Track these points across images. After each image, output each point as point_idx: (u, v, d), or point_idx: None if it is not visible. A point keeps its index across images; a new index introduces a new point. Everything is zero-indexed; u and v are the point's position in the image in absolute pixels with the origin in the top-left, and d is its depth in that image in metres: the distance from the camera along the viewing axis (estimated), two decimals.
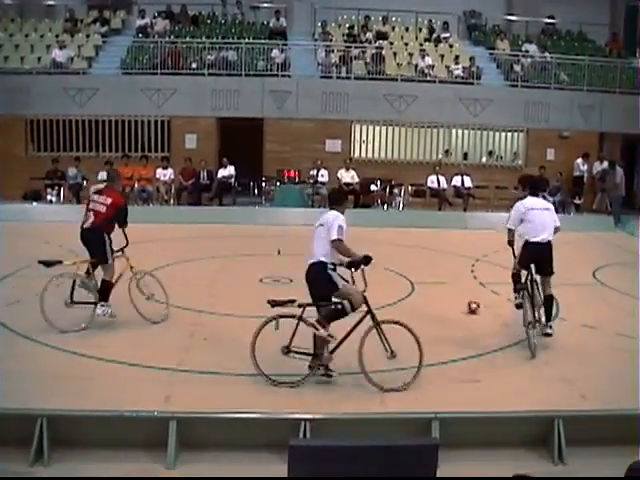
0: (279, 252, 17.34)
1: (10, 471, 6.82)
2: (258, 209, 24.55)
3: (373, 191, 25.53)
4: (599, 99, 27.24)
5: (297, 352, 9.29)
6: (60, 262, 11.20)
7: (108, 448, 7.19)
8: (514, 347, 10.69)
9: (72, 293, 11.17)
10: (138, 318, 11.58)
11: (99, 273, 11.43)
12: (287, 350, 9.32)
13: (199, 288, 13.55)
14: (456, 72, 27.49)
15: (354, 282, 9.56)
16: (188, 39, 28.19)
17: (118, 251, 11.53)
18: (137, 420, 7.38)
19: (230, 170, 25.21)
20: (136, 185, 24.41)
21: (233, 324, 11.63)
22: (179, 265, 13.07)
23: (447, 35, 30.08)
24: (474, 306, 11.54)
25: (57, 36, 28.49)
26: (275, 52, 27.39)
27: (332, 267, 9.82)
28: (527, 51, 28.89)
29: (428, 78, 27.20)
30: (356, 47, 28.16)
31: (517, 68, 27.80)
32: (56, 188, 24.36)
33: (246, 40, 27.99)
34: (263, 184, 26.19)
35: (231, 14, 30.92)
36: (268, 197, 25.65)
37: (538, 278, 11.15)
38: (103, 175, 23.82)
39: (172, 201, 24.73)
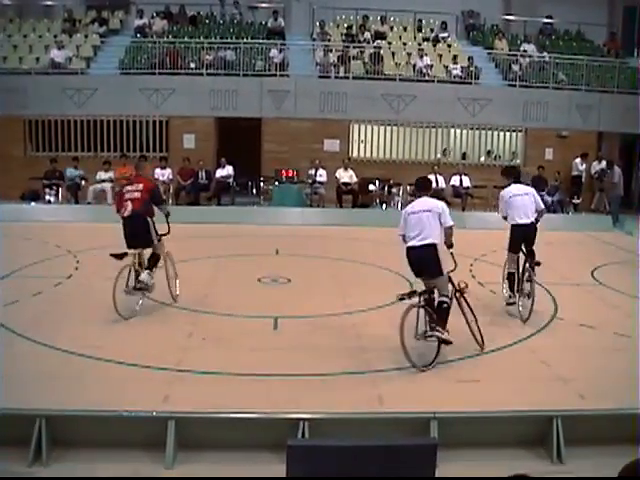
0: (277, 252, 17.38)
1: (9, 471, 6.83)
2: (256, 209, 24.57)
3: (372, 191, 25.52)
4: (597, 99, 27.28)
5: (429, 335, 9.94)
6: (126, 254, 11.85)
7: (107, 448, 7.21)
8: (513, 347, 10.71)
9: (127, 281, 11.86)
10: (136, 318, 11.65)
11: None
12: (424, 335, 9.97)
13: (197, 288, 13.55)
14: (454, 72, 27.51)
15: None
16: (186, 39, 28.19)
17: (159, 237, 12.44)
18: (136, 420, 7.40)
19: (228, 170, 25.23)
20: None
21: (231, 324, 11.65)
22: (177, 265, 13.07)
23: (445, 35, 30.10)
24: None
25: (55, 36, 28.49)
26: (273, 52, 27.40)
27: None
28: (525, 51, 28.92)
29: (426, 78, 27.22)
30: (354, 47, 28.17)
31: (515, 68, 27.82)
32: (54, 188, 24.35)
33: (244, 40, 28.00)
34: (261, 184, 26.22)
35: (229, 14, 30.95)
36: (266, 197, 25.67)
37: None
38: (101, 175, 23.95)
39: (170, 201, 24.71)
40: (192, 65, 27.08)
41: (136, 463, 7.03)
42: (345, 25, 30.29)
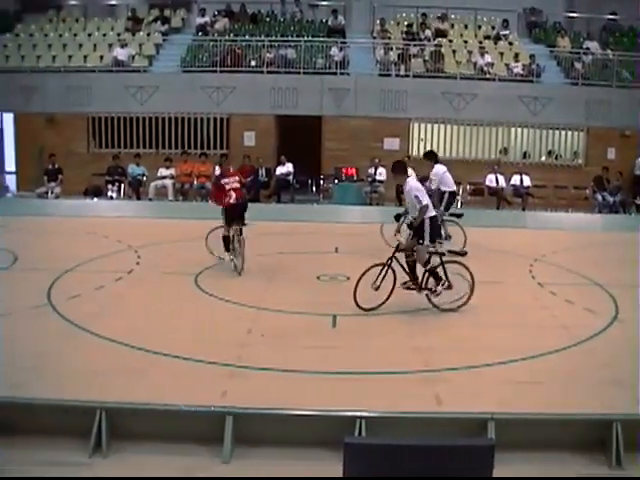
0: (336, 250, 17.41)
1: (70, 462, 6.95)
2: (316, 207, 24.59)
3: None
4: None
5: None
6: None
7: (165, 441, 7.29)
8: (572, 349, 10.57)
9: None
10: (196, 313, 11.79)
11: None
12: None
13: (257, 284, 13.63)
14: (516, 70, 27.28)
15: None
16: (247, 37, 28.36)
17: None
18: (194, 414, 7.46)
19: (288, 167, 25.33)
20: (195, 182, 24.64)
21: (290, 321, 11.69)
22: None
23: (507, 33, 29.86)
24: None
25: (119, 35, 28.91)
26: (334, 50, 27.44)
27: None
28: (588, 48, 28.54)
29: (487, 76, 27.01)
30: (415, 45, 28.08)
31: (578, 66, 27.47)
32: (116, 184, 24.67)
33: (305, 38, 28.14)
34: (321, 182, 26.27)
35: (290, 12, 31.08)
36: (326, 195, 25.72)
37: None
38: (162, 172, 24.22)
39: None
40: (253, 63, 27.22)
41: (194, 457, 7.08)
42: (405, 23, 30.16)
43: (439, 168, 16.88)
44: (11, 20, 30.74)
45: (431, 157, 17.19)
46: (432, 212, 12.31)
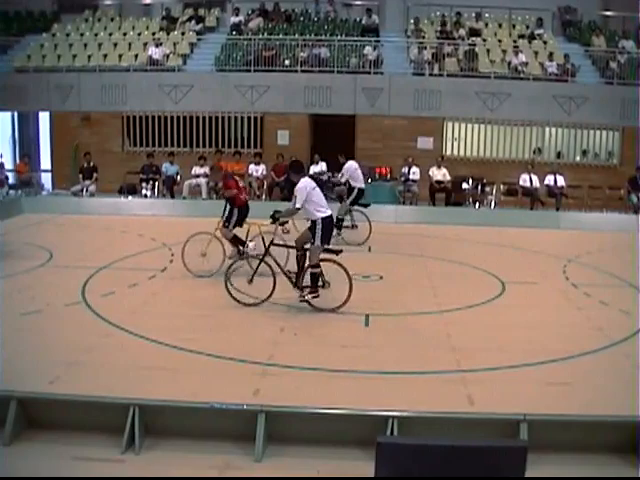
0: (370, 249, 17.42)
1: (102, 458, 7.02)
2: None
3: (465, 189, 25.30)
4: None
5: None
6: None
7: (197, 439, 7.32)
8: (605, 350, 10.52)
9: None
10: (229, 312, 11.84)
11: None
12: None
13: (289, 283, 13.65)
14: (550, 69, 27.09)
15: None
16: (281, 36, 28.41)
17: None
18: (226, 412, 7.49)
19: (322, 166, 25.32)
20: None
21: (323, 320, 11.73)
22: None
23: (541, 31, 29.64)
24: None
25: (154, 34, 29.05)
26: (367, 49, 27.40)
27: None
28: (624, 47, 28.26)
29: (522, 75, 26.84)
30: (449, 44, 28.00)
31: (613, 65, 27.23)
32: (151, 182, 24.81)
33: (339, 37, 28.15)
34: None
35: (324, 11, 31.08)
36: None
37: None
38: (197, 170, 24.34)
39: (264, 196, 24.95)
40: (287, 62, 27.25)
41: (226, 455, 7.12)
42: (439, 22, 30.08)
43: (351, 164, 18.61)
44: (48, 20, 31.07)
45: (345, 153, 19.76)
46: (327, 213, 12.19)
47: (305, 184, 12.14)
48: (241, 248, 14.43)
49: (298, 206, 12.08)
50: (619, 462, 7.20)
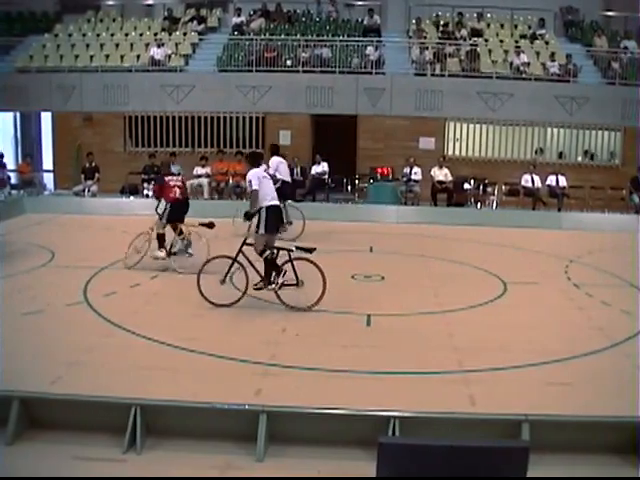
0: (371, 249, 17.42)
1: (104, 458, 7.02)
2: (351, 206, 24.54)
3: (467, 190, 25.30)
4: None
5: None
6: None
7: (198, 439, 7.32)
8: (607, 350, 10.52)
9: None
10: (231, 312, 11.86)
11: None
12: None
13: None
14: (552, 69, 27.08)
15: None
16: (283, 37, 28.42)
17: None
18: (228, 412, 7.50)
19: (324, 167, 25.33)
20: (231, 180, 24.72)
21: (324, 320, 11.74)
22: None
23: (543, 32, 29.62)
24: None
25: (155, 34, 29.07)
26: (369, 49, 27.41)
27: None
28: (626, 47, 28.24)
29: (523, 76, 26.84)
30: (450, 44, 28.00)
31: (615, 65, 27.22)
32: (152, 183, 24.78)
33: (340, 37, 28.14)
34: (356, 181, 26.27)
35: (326, 12, 31.09)
36: (361, 194, 25.69)
37: None
38: (198, 170, 24.37)
39: None
40: (288, 62, 27.26)
41: (227, 455, 7.12)
42: (441, 22, 30.07)
43: (275, 159, 18.78)
44: (51, 21, 31.10)
45: (272, 149, 19.55)
46: (272, 202, 12.46)
47: (256, 172, 12.51)
48: (163, 250, 15.10)
49: (255, 187, 12.27)
50: (620, 462, 7.19)
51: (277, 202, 12.62)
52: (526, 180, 24.44)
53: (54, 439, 7.27)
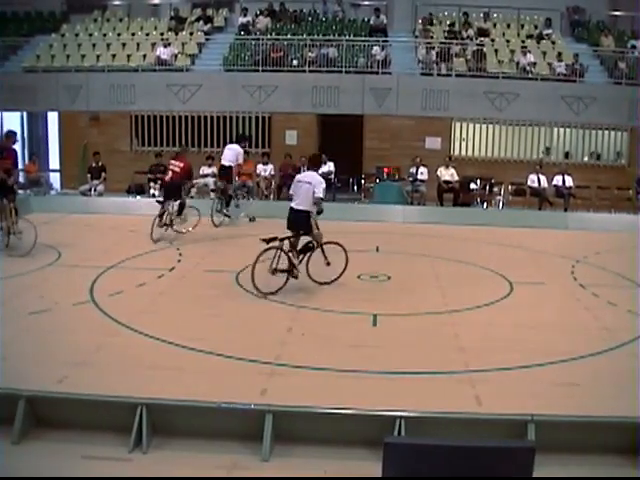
0: (377, 249, 17.41)
1: (110, 457, 7.03)
2: (357, 206, 24.51)
3: (473, 189, 25.27)
4: None
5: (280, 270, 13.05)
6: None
7: (204, 438, 7.33)
8: (613, 351, 10.51)
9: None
10: (237, 312, 11.86)
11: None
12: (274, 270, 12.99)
13: (297, 283, 13.64)
14: (558, 69, 27.04)
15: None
16: (289, 36, 28.43)
17: None
18: (233, 412, 7.50)
19: (330, 166, 25.28)
20: (237, 180, 24.68)
21: (331, 320, 11.74)
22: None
23: (549, 32, 29.58)
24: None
25: (162, 34, 29.10)
26: (375, 49, 27.40)
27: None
28: (634, 47, 28.20)
29: (530, 76, 26.81)
30: (457, 44, 27.97)
31: (622, 65, 27.17)
32: (159, 182, 24.81)
33: (347, 37, 28.14)
34: (362, 181, 26.27)
35: (332, 12, 31.07)
36: (367, 194, 25.69)
37: None
38: (204, 170, 24.41)
39: (272, 196, 24.94)
40: (295, 62, 27.27)
41: (233, 454, 7.12)
42: (447, 22, 30.05)
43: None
44: (57, 21, 31.16)
45: (239, 138, 22.00)
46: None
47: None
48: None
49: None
50: (628, 463, 7.16)
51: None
52: (532, 180, 24.40)
53: (60, 438, 7.29)
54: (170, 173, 18.16)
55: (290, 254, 13.21)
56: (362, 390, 8.64)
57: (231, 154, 20.40)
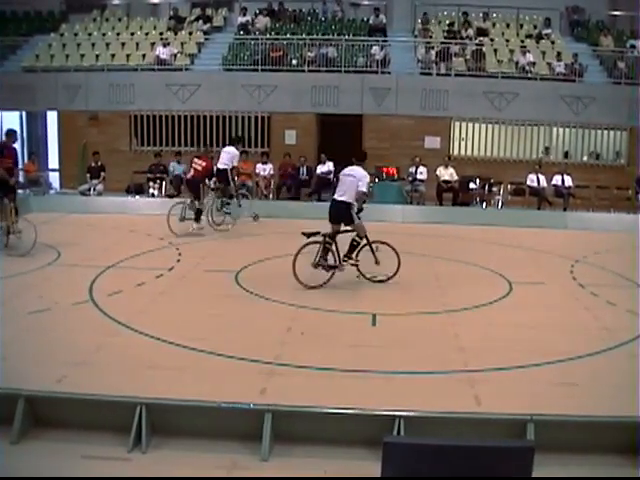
0: (377, 248, 17.38)
1: (109, 457, 7.02)
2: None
3: (472, 189, 25.27)
4: None
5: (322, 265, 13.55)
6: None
7: (204, 438, 7.31)
8: (612, 351, 10.51)
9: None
10: (237, 312, 11.85)
11: None
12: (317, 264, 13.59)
13: (296, 282, 13.63)
14: (558, 69, 27.05)
15: None
16: (289, 36, 28.43)
17: None
18: (233, 411, 7.50)
19: (329, 166, 25.31)
20: (236, 179, 24.67)
21: (330, 319, 11.74)
22: (279, 259, 13.30)
23: (549, 31, 29.60)
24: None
25: (161, 34, 29.13)
26: (375, 49, 27.41)
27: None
28: (633, 47, 28.20)
29: (529, 75, 26.82)
30: (456, 44, 27.98)
31: (621, 65, 27.17)
32: (158, 182, 24.84)
33: (346, 37, 28.17)
34: None
35: (331, 11, 31.10)
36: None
37: None
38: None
39: (271, 196, 24.95)
40: (294, 62, 27.27)
41: (233, 454, 7.11)
42: (447, 22, 30.05)
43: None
44: (56, 20, 31.17)
45: (232, 141, 22.14)
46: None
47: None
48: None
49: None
50: (627, 463, 7.14)
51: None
52: (532, 180, 24.42)
53: (59, 438, 7.28)
54: (192, 171, 19.06)
55: (333, 248, 13.69)
56: (362, 390, 8.63)
57: (226, 157, 20.28)
